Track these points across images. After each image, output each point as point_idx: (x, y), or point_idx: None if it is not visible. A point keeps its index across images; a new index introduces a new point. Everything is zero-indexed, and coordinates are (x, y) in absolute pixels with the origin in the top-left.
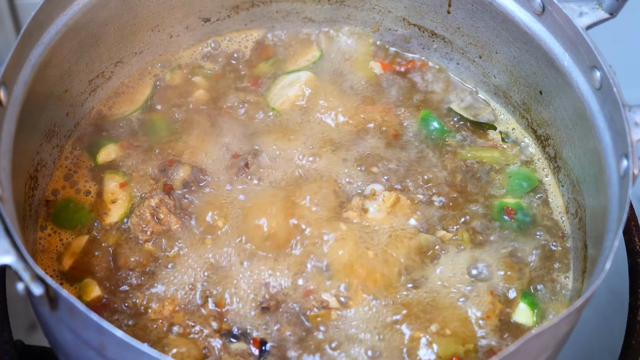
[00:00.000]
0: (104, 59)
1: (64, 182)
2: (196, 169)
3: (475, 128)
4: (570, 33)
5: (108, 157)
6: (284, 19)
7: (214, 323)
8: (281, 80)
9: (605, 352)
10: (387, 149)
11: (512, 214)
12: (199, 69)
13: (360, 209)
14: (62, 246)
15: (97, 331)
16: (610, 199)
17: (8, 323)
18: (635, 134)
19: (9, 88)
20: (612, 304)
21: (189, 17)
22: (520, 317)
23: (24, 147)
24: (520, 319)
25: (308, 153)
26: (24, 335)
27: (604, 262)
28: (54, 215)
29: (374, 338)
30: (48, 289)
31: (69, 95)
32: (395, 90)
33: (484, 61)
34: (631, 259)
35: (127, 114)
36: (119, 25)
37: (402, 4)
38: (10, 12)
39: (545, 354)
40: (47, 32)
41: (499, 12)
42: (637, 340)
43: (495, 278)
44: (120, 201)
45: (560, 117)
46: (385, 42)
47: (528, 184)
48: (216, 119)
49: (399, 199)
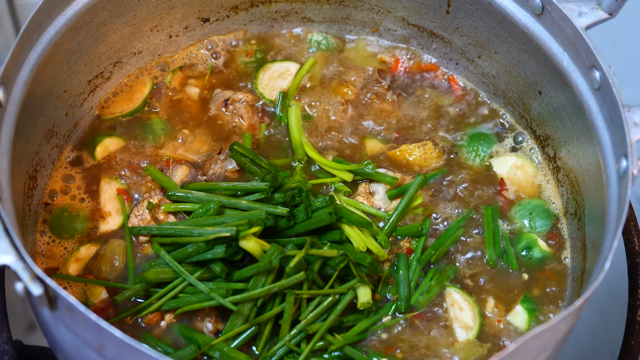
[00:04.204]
0: (103, 59)
1: (63, 182)
2: (194, 169)
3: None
4: (570, 33)
5: (106, 152)
6: (283, 19)
7: (209, 324)
8: (267, 69)
9: (605, 352)
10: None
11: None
12: (199, 69)
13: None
14: (67, 253)
15: (96, 331)
16: (610, 199)
17: (7, 323)
18: (635, 134)
19: (8, 88)
20: (611, 304)
21: (188, 17)
22: (515, 318)
23: (23, 147)
24: (516, 321)
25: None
26: (23, 335)
27: (603, 262)
28: (51, 223)
29: None
30: (47, 289)
31: (68, 95)
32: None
33: (483, 61)
34: (630, 259)
35: (126, 114)
36: (118, 26)
37: (401, 4)
38: (9, 12)
39: (545, 354)
40: (46, 32)
41: (498, 12)
42: (636, 340)
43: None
44: (117, 204)
45: (559, 117)
46: (384, 42)
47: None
48: (216, 119)
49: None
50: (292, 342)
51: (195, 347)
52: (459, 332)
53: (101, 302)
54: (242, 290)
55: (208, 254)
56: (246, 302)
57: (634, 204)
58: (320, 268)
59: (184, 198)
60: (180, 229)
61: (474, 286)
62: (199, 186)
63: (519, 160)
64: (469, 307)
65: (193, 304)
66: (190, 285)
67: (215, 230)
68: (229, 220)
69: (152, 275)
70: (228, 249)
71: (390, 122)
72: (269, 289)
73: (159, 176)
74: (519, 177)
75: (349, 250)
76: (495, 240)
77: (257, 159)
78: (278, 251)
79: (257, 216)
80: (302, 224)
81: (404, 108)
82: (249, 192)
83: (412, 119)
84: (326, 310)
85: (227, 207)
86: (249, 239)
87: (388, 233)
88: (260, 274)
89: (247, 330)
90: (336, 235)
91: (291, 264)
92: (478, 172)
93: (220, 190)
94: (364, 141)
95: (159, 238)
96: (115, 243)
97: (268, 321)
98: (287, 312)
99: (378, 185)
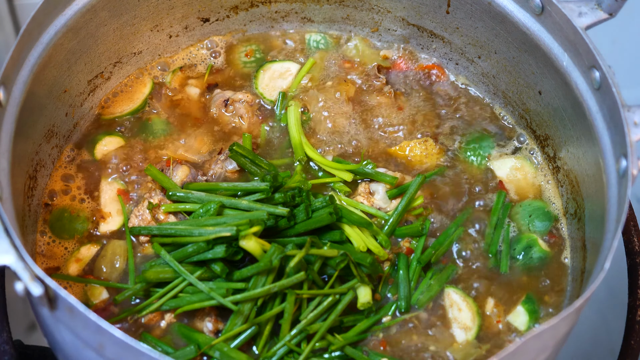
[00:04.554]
0: (103, 59)
1: (63, 182)
2: (195, 169)
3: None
4: (570, 33)
5: (106, 152)
6: (283, 19)
7: (209, 324)
8: (267, 69)
9: (605, 352)
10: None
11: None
12: (199, 69)
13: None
14: (67, 253)
15: (96, 331)
16: (609, 199)
17: (7, 323)
18: (634, 134)
19: (8, 88)
20: (611, 304)
21: (188, 17)
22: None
23: (23, 147)
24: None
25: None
26: (23, 335)
27: (603, 262)
28: (52, 224)
29: None
30: (47, 289)
31: (68, 95)
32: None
33: (483, 61)
34: (630, 259)
35: (126, 114)
36: (118, 26)
37: (401, 4)
38: (9, 13)
39: (545, 354)
40: (46, 33)
41: (498, 12)
42: (636, 340)
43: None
44: (117, 205)
45: (559, 117)
46: (384, 42)
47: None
48: (216, 119)
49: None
50: (293, 342)
51: (195, 347)
52: (458, 333)
53: (102, 302)
54: (243, 290)
55: (208, 253)
56: (246, 302)
57: (634, 204)
58: (321, 268)
59: (185, 198)
60: (181, 228)
61: (473, 286)
62: (200, 186)
63: (518, 162)
64: (468, 308)
65: (193, 303)
66: (191, 285)
67: (216, 230)
68: (229, 221)
69: (152, 275)
70: (228, 249)
71: (390, 122)
72: (269, 289)
73: (159, 176)
74: (518, 178)
75: (349, 250)
76: (495, 233)
77: (256, 160)
78: (278, 251)
79: (258, 216)
80: (302, 224)
81: (404, 107)
82: (249, 192)
83: (412, 119)
84: (326, 310)
85: (227, 208)
86: (249, 238)
87: (388, 233)
88: (261, 274)
89: (247, 330)
90: (336, 235)
91: (291, 263)
92: (478, 173)
93: (221, 190)
94: (364, 140)
95: (160, 238)
96: (115, 243)
97: (268, 321)
98: (287, 312)
99: (378, 185)
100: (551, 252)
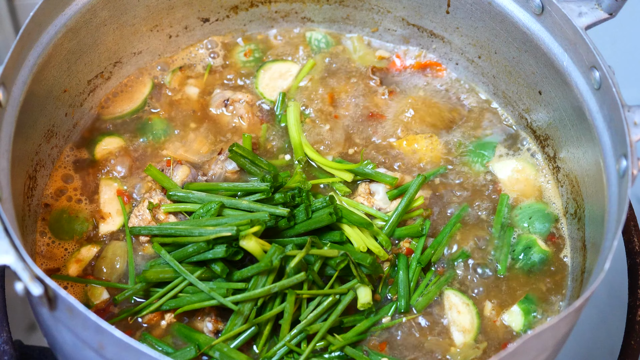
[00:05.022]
0: (102, 59)
1: (62, 182)
2: (195, 169)
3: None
4: (570, 33)
5: (106, 152)
6: (283, 19)
7: (209, 324)
8: (268, 69)
9: (605, 352)
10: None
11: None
12: (199, 69)
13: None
14: (67, 254)
15: (96, 331)
16: (610, 200)
17: (7, 323)
18: (635, 134)
19: (7, 88)
20: (611, 304)
21: (188, 18)
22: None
23: (23, 147)
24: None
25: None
26: (23, 335)
27: (603, 262)
28: (51, 225)
29: None
30: (47, 289)
31: (67, 95)
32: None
33: (483, 61)
34: (630, 259)
35: (125, 114)
36: (118, 26)
37: (401, 4)
38: (9, 13)
39: (545, 354)
40: (46, 33)
41: (498, 12)
42: (636, 340)
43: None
44: (117, 205)
45: (559, 118)
46: (384, 42)
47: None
48: (216, 119)
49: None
50: (293, 342)
51: (195, 347)
52: (457, 336)
53: (102, 302)
54: (243, 290)
55: (209, 253)
56: (246, 302)
57: (634, 204)
58: (321, 268)
59: (185, 198)
60: (181, 229)
61: (473, 287)
62: (200, 186)
63: (519, 164)
64: (467, 310)
65: (193, 303)
66: (191, 285)
67: (216, 230)
68: (229, 221)
69: (153, 275)
70: (229, 249)
71: (390, 121)
72: (270, 289)
73: (159, 176)
74: (519, 180)
75: (349, 250)
76: (496, 234)
77: (256, 160)
78: (279, 251)
79: (259, 217)
80: (302, 224)
81: (404, 107)
82: (250, 192)
83: (412, 118)
84: (326, 310)
85: (227, 208)
86: (249, 238)
87: (388, 233)
88: (261, 274)
89: (247, 330)
90: (336, 235)
91: (292, 264)
92: (478, 174)
93: (221, 190)
94: (364, 141)
95: (160, 238)
96: (115, 244)
97: (268, 321)
98: (287, 312)
99: (378, 185)
100: (551, 252)
